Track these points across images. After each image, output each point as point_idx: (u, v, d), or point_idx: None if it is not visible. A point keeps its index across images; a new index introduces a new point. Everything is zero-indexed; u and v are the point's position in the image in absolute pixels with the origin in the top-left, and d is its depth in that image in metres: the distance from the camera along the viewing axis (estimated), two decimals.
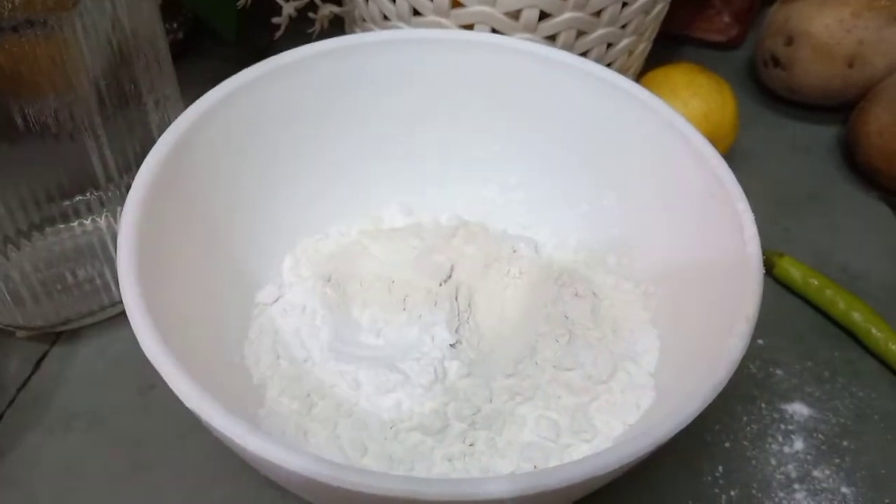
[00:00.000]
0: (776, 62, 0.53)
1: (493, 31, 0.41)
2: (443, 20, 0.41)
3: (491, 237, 0.40)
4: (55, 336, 0.39)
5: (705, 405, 0.26)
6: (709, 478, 0.36)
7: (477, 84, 0.39)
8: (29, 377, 0.38)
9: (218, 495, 0.34)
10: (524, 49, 0.38)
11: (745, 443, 0.38)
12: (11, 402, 0.37)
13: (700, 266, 0.33)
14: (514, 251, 0.39)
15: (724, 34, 0.61)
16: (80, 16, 0.30)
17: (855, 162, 0.51)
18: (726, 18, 0.61)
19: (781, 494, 0.36)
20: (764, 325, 0.42)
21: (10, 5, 0.30)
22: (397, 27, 0.43)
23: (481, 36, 0.39)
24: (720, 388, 0.26)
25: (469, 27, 0.41)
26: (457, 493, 0.23)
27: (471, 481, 0.24)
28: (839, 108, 0.55)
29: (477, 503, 0.23)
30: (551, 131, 0.40)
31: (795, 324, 0.43)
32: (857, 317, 0.42)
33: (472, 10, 0.40)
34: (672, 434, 0.26)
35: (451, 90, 0.39)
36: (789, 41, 0.52)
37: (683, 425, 0.26)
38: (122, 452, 0.35)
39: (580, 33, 0.42)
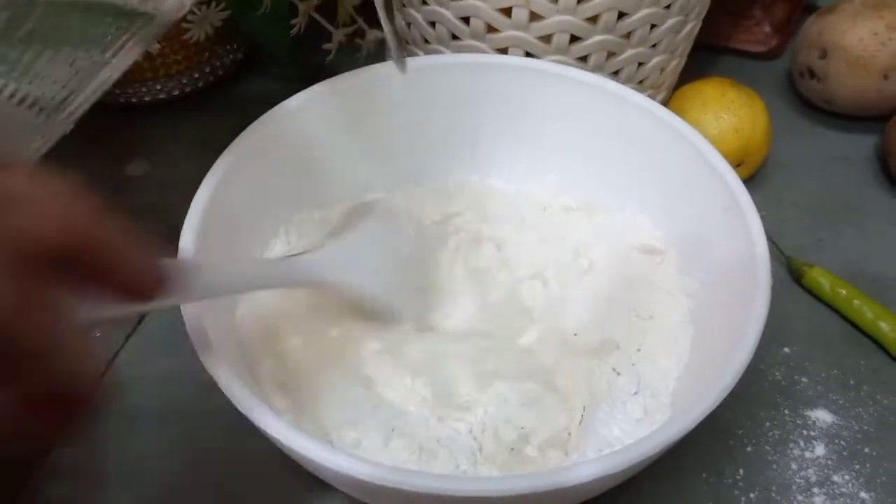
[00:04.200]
0: (811, 74, 0.54)
1: (527, 54, 0.43)
2: (479, 44, 0.44)
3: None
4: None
5: (709, 411, 0.28)
6: (729, 480, 0.38)
7: (503, 102, 0.43)
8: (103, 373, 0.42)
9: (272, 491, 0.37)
10: (546, 70, 0.41)
11: (767, 447, 0.39)
12: None
13: (714, 278, 0.35)
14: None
15: (764, 45, 0.62)
16: None
17: (890, 173, 0.52)
18: (766, 29, 0.62)
19: (800, 498, 0.37)
20: (791, 334, 0.44)
21: None
22: (438, 50, 0.46)
23: (505, 59, 0.42)
24: (721, 398, 0.28)
25: (503, 50, 0.44)
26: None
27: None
28: (877, 118, 0.55)
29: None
30: (577, 145, 0.43)
31: (823, 333, 0.44)
32: (885, 327, 0.43)
33: (506, 34, 0.43)
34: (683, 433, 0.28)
35: (478, 110, 0.43)
36: (823, 54, 0.52)
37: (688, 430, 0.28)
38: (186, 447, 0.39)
39: (610, 54, 0.44)
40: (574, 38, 0.42)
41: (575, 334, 0.39)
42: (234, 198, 0.37)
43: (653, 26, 0.43)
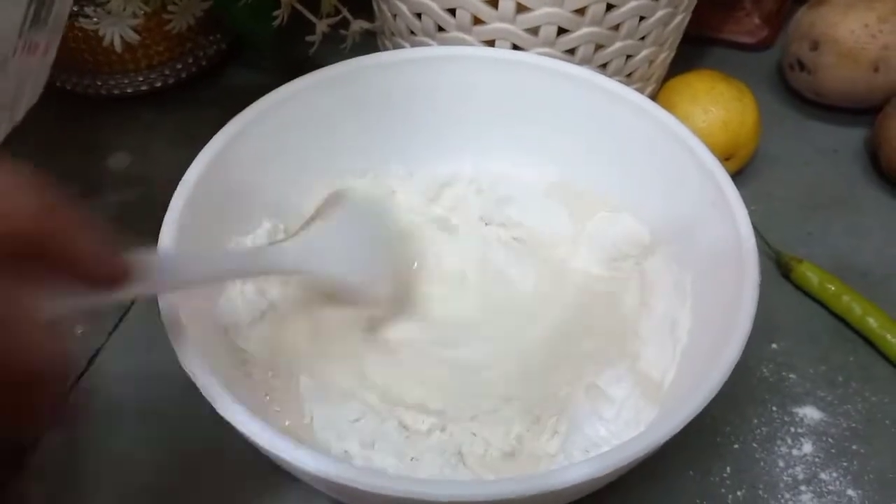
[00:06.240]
0: (802, 66, 0.54)
1: (514, 46, 0.43)
2: (465, 36, 0.43)
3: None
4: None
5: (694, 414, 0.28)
6: (716, 478, 0.38)
7: (488, 95, 0.42)
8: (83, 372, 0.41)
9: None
10: (533, 62, 0.41)
11: (755, 444, 0.39)
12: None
13: (702, 275, 0.35)
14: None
15: (754, 36, 0.61)
16: None
17: (880, 167, 0.52)
18: (756, 20, 0.61)
19: (787, 496, 0.37)
20: (779, 329, 0.43)
21: None
22: (424, 42, 0.45)
23: (491, 51, 0.42)
24: (708, 399, 0.28)
25: (490, 43, 0.43)
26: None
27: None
28: (867, 111, 0.55)
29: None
30: (562, 138, 0.42)
31: (811, 329, 0.44)
32: (873, 322, 0.42)
33: (493, 26, 0.42)
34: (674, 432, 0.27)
35: (463, 102, 0.43)
36: (814, 46, 0.52)
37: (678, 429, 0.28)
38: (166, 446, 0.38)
39: (598, 46, 0.43)
40: (561, 31, 0.42)
41: (562, 332, 0.38)
42: (216, 189, 0.36)
43: (641, 18, 0.43)
